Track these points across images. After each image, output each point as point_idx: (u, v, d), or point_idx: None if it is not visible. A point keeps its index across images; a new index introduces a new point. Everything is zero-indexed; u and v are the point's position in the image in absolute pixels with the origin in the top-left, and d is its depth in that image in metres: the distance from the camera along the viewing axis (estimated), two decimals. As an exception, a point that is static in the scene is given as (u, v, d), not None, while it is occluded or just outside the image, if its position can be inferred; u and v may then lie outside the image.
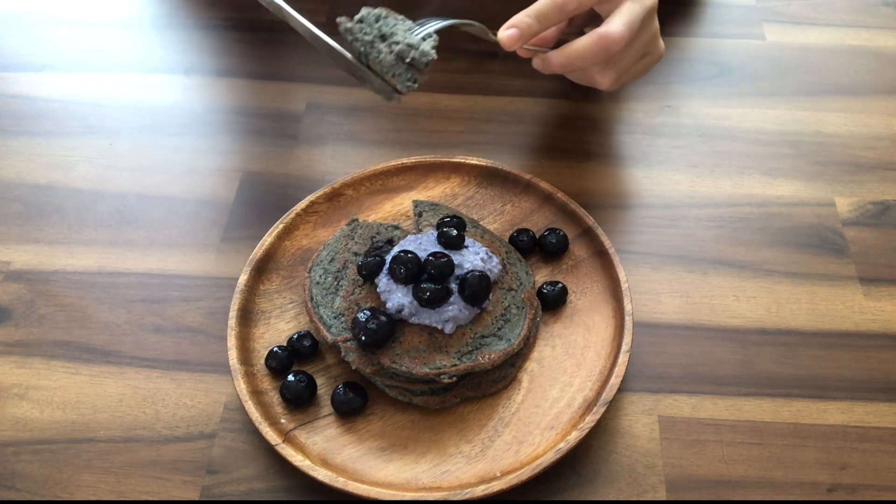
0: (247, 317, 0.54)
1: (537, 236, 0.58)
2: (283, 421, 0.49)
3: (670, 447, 0.50)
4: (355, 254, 0.55)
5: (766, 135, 0.67)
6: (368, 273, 0.52)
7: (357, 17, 0.52)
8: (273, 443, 0.47)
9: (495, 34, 0.54)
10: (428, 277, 0.49)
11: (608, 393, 0.48)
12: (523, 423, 0.49)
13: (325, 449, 0.48)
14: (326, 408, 0.50)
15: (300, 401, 0.50)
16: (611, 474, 0.48)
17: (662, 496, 0.48)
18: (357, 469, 0.47)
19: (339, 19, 0.51)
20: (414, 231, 0.58)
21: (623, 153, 0.66)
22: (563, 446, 0.46)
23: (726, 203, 0.62)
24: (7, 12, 0.80)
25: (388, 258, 0.51)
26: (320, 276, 0.54)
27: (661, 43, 0.61)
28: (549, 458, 0.46)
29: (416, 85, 0.51)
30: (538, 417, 0.49)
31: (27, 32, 0.78)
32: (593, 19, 0.59)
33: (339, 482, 0.45)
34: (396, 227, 0.57)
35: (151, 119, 0.70)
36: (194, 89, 0.72)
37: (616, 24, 0.54)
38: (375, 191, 0.62)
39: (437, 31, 0.52)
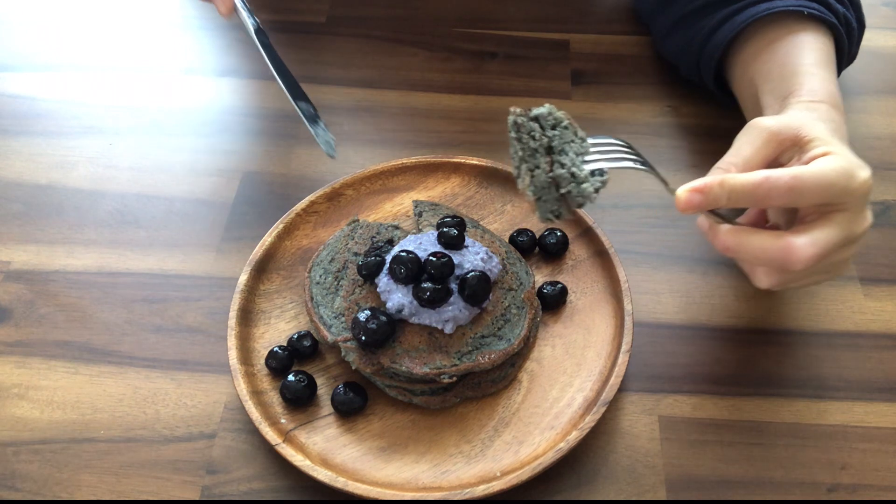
0: (247, 317, 0.54)
1: (537, 236, 0.58)
2: (283, 421, 0.49)
3: (670, 447, 0.50)
4: (355, 254, 0.55)
5: (767, 135, 0.67)
6: (368, 273, 0.52)
7: (534, 112, 0.43)
8: (273, 443, 0.47)
9: (672, 189, 0.44)
10: (428, 277, 0.49)
11: (608, 393, 0.48)
12: (523, 423, 0.49)
13: (325, 449, 0.48)
14: (326, 408, 0.50)
15: (300, 401, 0.50)
16: (611, 474, 0.48)
17: (662, 496, 0.48)
18: (357, 469, 0.47)
19: (512, 109, 0.43)
20: (414, 231, 0.58)
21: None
22: (563, 446, 0.46)
23: (726, 203, 0.62)
24: (7, 12, 0.80)
25: (388, 258, 0.51)
26: (320, 276, 0.54)
27: (849, 266, 0.50)
28: (549, 458, 0.46)
29: (557, 219, 0.43)
30: (538, 417, 0.49)
31: (27, 32, 0.78)
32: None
33: (339, 482, 0.45)
34: (396, 227, 0.57)
35: (151, 119, 0.70)
36: (194, 89, 0.72)
37: (807, 245, 0.44)
38: (375, 191, 0.62)
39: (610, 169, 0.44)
